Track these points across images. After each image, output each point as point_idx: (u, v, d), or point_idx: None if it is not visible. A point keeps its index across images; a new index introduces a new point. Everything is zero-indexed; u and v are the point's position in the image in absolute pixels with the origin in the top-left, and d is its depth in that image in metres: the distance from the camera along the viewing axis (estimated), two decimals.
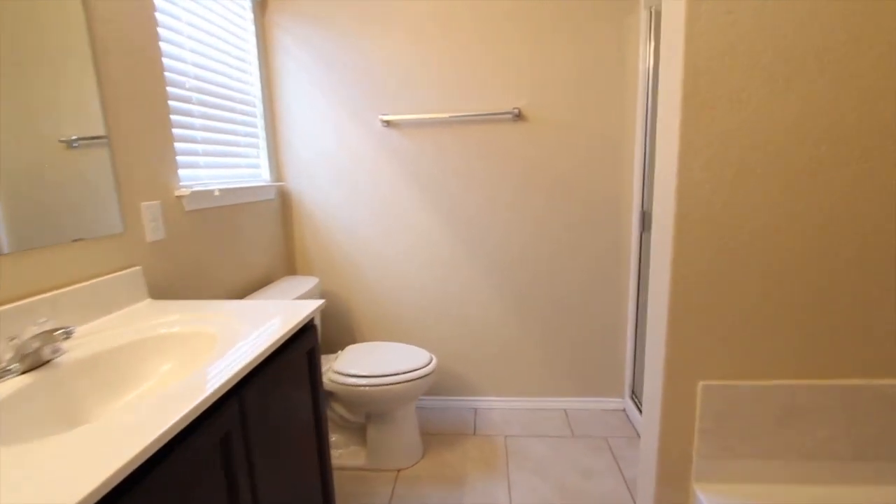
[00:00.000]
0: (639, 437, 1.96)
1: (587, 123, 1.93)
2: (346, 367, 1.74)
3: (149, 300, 1.24)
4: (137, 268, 1.21)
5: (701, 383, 1.07)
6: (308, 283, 1.91)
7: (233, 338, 0.96)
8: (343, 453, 1.87)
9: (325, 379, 1.75)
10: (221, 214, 1.67)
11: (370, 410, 1.78)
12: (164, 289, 1.34)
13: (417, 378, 1.71)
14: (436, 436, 2.00)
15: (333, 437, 1.89)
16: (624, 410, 2.16)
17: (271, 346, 0.94)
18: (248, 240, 1.86)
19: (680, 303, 1.05)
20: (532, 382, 2.19)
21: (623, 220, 1.99)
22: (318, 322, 1.40)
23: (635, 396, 2.12)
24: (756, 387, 1.06)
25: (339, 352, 1.93)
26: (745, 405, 1.07)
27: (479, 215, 2.05)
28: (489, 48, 1.92)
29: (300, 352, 1.13)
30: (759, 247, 1.01)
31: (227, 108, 1.74)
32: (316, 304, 1.19)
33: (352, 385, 1.68)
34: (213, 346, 0.95)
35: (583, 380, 2.17)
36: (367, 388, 1.68)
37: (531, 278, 2.09)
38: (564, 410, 2.18)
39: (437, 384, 2.24)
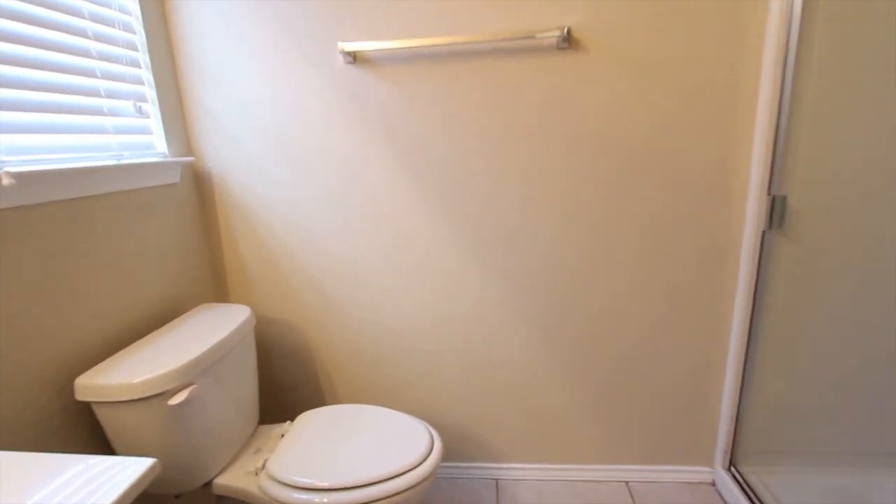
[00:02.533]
0: None
1: (681, 61, 1.17)
2: (290, 468, 1.05)
3: None
4: None
5: None
6: (234, 316, 1.19)
7: None
8: None
9: (251, 487, 1.06)
10: (79, 210, 0.94)
11: None
12: None
13: (411, 487, 1.02)
14: None
15: None
16: (713, 484, 1.49)
17: None
18: (136, 250, 1.13)
19: None
20: (579, 443, 1.51)
21: (732, 211, 1.26)
22: None
23: (736, 468, 1.45)
24: None
25: (286, 425, 1.23)
26: None
27: (499, 207, 1.32)
28: None
29: None
30: None
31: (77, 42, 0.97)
32: None
33: None
34: None
35: (653, 441, 1.49)
36: None
37: (579, 297, 1.37)
38: (626, 484, 1.51)
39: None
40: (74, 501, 0.42)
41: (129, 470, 0.46)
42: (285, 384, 1.55)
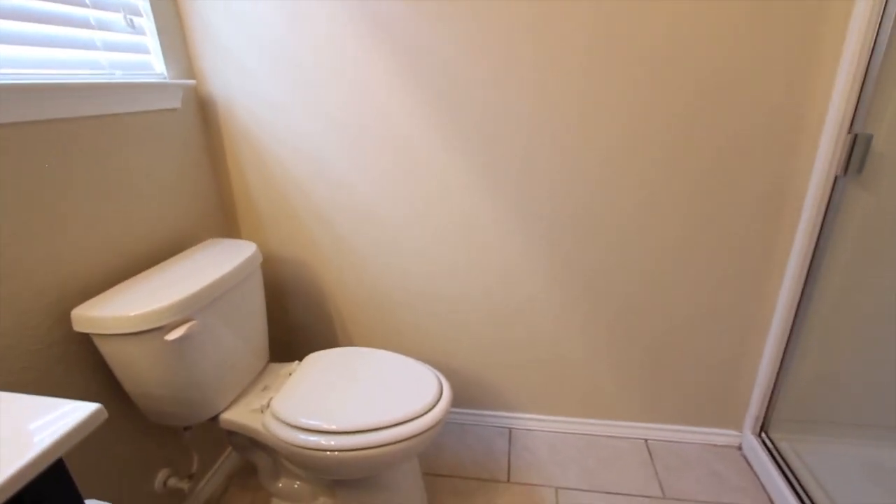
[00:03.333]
0: (771, 502, 1.23)
1: None
2: (294, 409, 1.02)
3: None
4: None
5: None
6: (239, 252, 1.13)
7: None
8: None
9: (256, 424, 1.04)
10: (71, 132, 0.88)
11: (338, 478, 1.08)
12: None
13: (418, 434, 0.98)
14: (449, 482, 1.32)
15: (280, 482, 1.23)
16: (740, 449, 1.41)
17: None
18: (136, 179, 1.07)
19: None
20: (599, 397, 1.44)
21: (801, 152, 1.07)
22: None
23: (767, 434, 1.36)
24: None
25: (294, 364, 1.20)
26: None
27: (535, 143, 1.17)
28: None
29: None
30: None
31: None
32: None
33: (301, 447, 0.97)
34: None
35: (679, 399, 1.40)
36: (330, 453, 0.96)
37: (617, 242, 1.25)
38: (645, 441, 1.45)
39: (455, 392, 1.53)
40: None
41: (69, 417, 0.40)
42: (298, 324, 1.52)
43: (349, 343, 1.51)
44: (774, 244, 1.17)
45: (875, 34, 0.92)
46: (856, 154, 0.99)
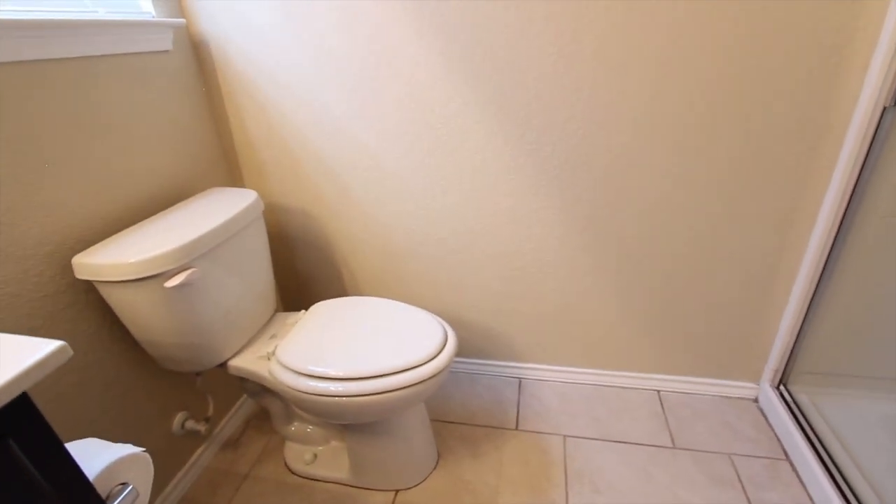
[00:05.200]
0: (786, 457, 1.20)
1: None
2: (299, 356, 1.02)
3: None
4: None
5: None
6: (239, 200, 1.11)
7: None
8: (316, 454, 1.26)
9: (262, 370, 1.06)
10: (58, 73, 0.84)
11: (346, 423, 1.10)
12: None
13: (422, 381, 0.97)
14: (458, 428, 1.34)
15: (293, 426, 1.27)
16: (756, 401, 1.37)
17: None
18: (130, 125, 1.04)
19: None
20: (610, 348, 1.41)
21: (848, 78, 0.96)
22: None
23: (786, 387, 1.31)
24: None
25: (301, 313, 1.20)
26: None
27: (548, 84, 1.08)
28: None
29: None
30: None
31: None
32: None
33: (307, 393, 0.98)
34: None
35: (694, 350, 1.36)
36: (335, 398, 0.97)
37: (630, 179, 1.17)
38: (657, 393, 1.43)
39: (463, 342, 1.52)
40: None
41: (31, 353, 0.38)
42: (307, 274, 1.52)
43: (357, 292, 1.51)
44: (809, 182, 1.07)
45: None
46: None
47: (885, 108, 0.93)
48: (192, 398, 1.22)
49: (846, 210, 1.04)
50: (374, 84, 1.16)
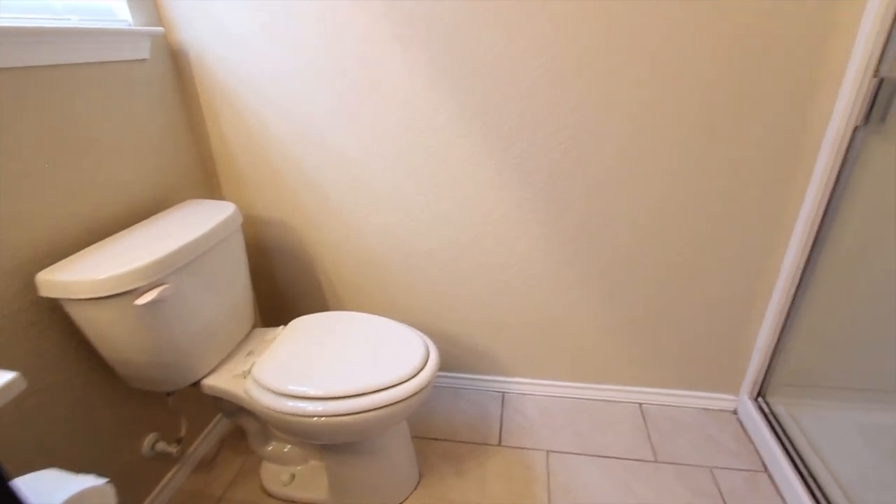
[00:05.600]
0: (765, 469, 1.21)
1: None
2: (275, 374, 0.99)
3: None
4: None
5: None
6: (217, 213, 1.08)
7: None
8: (294, 475, 1.22)
9: (238, 389, 1.02)
10: (30, 81, 0.81)
11: (325, 443, 1.07)
12: None
13: (403, 399, 0.95)
14: (440, 445, 1.32)
15: (270, 446, 1.23)
16: (735, 413, 1.39)
17: None
18: (104, 135, 1.00)
19: None
20: (593, 361, 1.42)
21: (819, 98, 0.98)
22: None
23: (764, 399, 1.33)
24: None
25: (279, 329, 1.17)
26: None
27: (526, 89, 1.09)
28: None
29: None
30: None
31: None
32: None
33: (285, 413, 0.94)
34: None
35: (676, 363, 1.37)
36: (314, 419, 0.94)
37: (611, 197, 1.18)
38: (639, 405, 1.43)
39: (446, 356, 1.51)
40: None
41: None
42: (287, 288, 1.49)
43: (340, 306, 1.48)
44: (785, 198, 1.10)
45: None
46: (879, 101, 0.91)
47: (856, 127, 0.96)
48: (164, 418, 1.18)
49: (820, 226, 1.07)
50: (358, 95, 1.15)
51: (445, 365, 1.51)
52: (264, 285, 1.49)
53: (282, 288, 1.49)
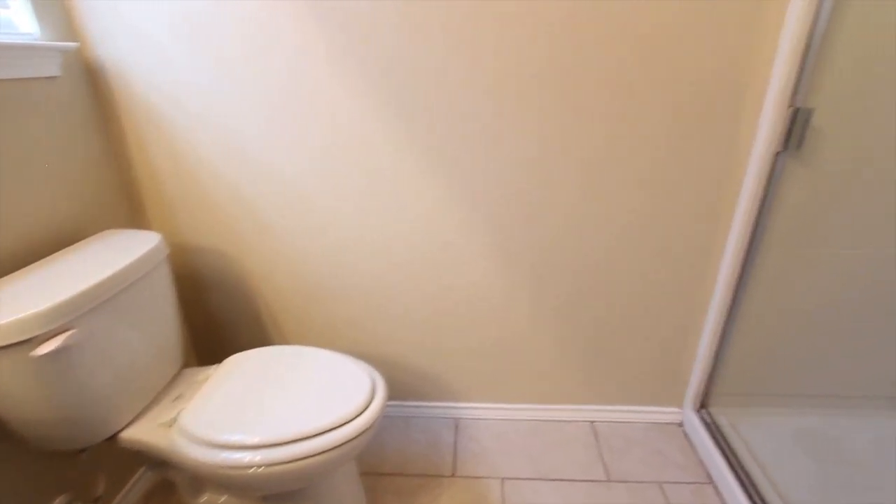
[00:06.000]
0: (711, 481, 1.25)
1: None
2: (209, 422, 0.90)
3: None
4: None
5: None
6: (139, 245, 0.98)
7: None
8: None
9: (163, 441, 0.92)
10: None
11: (266, 493, 0.98)
12: None
13: (349, 440, 0.89)
14: (392, 481, 1.26)
15: (203, 498, 1.12)
16: (681, 425, 1.43)
17: None
18: (5, 160, 0.89)
19: None
20: (545, 383, 1.41)
21: (742, 126, 1.04)
22: None
23: (707, 410, 1.38)
24: None
25: (211, 370, 1.08)
26: None
27: (473, 109, 1.08)
28: None
29: None
30: None
31: None
32: None
33: (219, 466, 0.86)
34: None
35: (624, 380, 1.40)
36: (252, 470, 0.86)
37: (552, 222, 1.19)
38: (591, 424, 1.44)
39: (396, 384, 1.45)
40: None
41: None
42: (225, 321, 1.38)
43: (282, 340, 1.39)
44: (716, 222, 1.15)
45: (817, 3, 0.88)
46: (796, 129, 0.97)
47: (777, 152, 1.02)
48: (77, 476, 1.04)
49: (749, 245, 1.12)
50: (294, 113, 1.10)
51: (396, 393, 1.46)
52: (198, 319, 1.38)
53: (218, 322, 1.38)
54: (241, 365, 1.06)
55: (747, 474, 1.17)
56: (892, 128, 1.00)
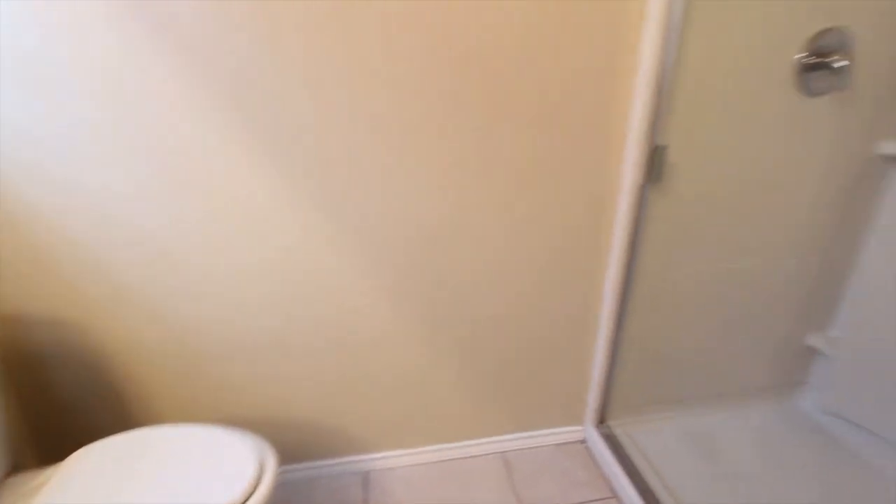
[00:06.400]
0: (614, 495, 1.30)
1: None
2: None
3: None
4: None
5: None
6: None
7: None
8: None
9: None
10: None
11: None
12: None
13: None
14: None
15: None
16: (584, 442, 1.48)
17: None
18: None
19: None
20: (450, 421, 1.38)
21: (611, 162, 1.12)
22: None
23: (605, 424, 1.44)
24: None
25: (48, 472, 0.88)
26: None
27: (343, 139, 1.02)
28: None
29: None
30: None
31: None
32: None
33: None
34: None
35: (527, 406, 1.42)
36: None
37: (439, 257, 1.17)
38: (502, 454, 1.44)
39: (295, 445, 1.32)
40: None
41: None
42: (74, 404, 1.15)
43: (153, 419, 1.20)
44: (597, 254, 1.22)
45: (662, 53, 0.97)
46: (655, 164, 1.06)
47: (643, 185, 1.11)
48: None
49: (627, 273, 1.21)
50: (149, 159, 0.96)
51: (295, 456, 1.33)
52: (38, 406, 1.13)
53: (65, 405, 1.15)
54: (92, 460, 0.88)
55: (645, 484, 1.24)
56: (727, 162, 1.15)
